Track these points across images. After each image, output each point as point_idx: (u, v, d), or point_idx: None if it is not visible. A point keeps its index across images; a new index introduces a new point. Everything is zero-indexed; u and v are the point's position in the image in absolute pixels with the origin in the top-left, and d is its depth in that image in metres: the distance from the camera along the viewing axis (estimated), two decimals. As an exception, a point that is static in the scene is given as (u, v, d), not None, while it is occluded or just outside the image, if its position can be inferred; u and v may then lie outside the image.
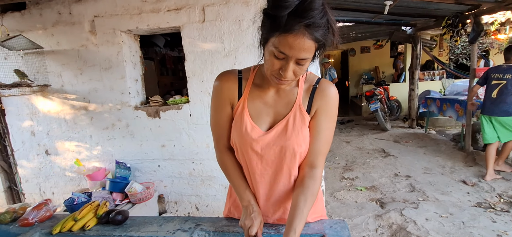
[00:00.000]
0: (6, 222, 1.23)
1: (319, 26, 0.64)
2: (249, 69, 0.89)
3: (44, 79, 2.44)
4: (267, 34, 0.70)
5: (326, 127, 0.83)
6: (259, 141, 0.83)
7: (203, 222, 1.05)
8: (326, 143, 0.84)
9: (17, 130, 2.67)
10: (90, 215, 1.16)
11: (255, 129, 0.84)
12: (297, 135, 0.82)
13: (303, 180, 0.82)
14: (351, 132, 5.81)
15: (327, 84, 0.84)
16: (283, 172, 0.87)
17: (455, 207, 2.58)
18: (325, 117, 0.83)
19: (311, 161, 0.83)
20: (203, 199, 2.45)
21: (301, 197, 0.78)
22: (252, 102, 0.85)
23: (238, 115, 0.86)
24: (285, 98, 0.84)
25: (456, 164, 3.60)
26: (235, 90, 0.86)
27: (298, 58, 0.68)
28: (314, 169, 0.83)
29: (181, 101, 2.31)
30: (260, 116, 0.85)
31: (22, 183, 2.84)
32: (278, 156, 0.84)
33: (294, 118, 0.82)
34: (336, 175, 3.54)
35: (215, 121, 0.91)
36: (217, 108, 0.89)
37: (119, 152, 2.47)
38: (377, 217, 2.48)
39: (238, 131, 0.86)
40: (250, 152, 0.85)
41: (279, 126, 0.83)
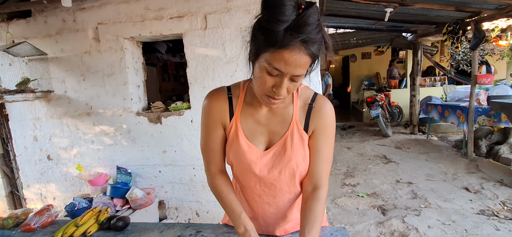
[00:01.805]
0: (9, 228, 1.24)
1: (315, 41, 0.62)
2: (238, 85, 0.85)
3: (48, 85, 2.47)
4: (258, 49, 0.65)
5: (326, 146, 0.81)
6: (257, 163, 0.81)
7: (204, 229, 1.05)
8: (327, 162, 0.82)
9: (20, 135, 2.69)
10: (91, 221, 1.17)
11: (252, 149, 0.81)
12: (297, 155, 0.80)
13: (307, 202, 0.79)
14: (352, 138, 5.79)
15: (323, 102, 0.81)
16: (283, 191, 0.86)
17: (458, 214, 2.55)
18: (324, 137, 0.80)
19: (314, 182, 0.81)
20: (204, 205, 2.44)
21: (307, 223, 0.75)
22: (245, 121, 0.81)
23: (232, 136, 0.82)
24: (279, 116, 0.81)
25: (459, 171, 3.58)
26: (226, 110, 0.81)
27: (293, 75, 0.64)
28: (318, 190, 0.80)
29: (182, 107, 2.33)
30: (255, 136, 0.81)
31: (24, 188, 2.85)
32: (277, 177, 0.82)
33: (292, 138, 0.79)
34: (337, 181, 3.52)
35: (207, 144, 0.86)
36: (209, 130, 0.84)
37: (121, 157, 2.48)
38: (379, 224, 2.46)
39: (234, 153, 0.83)
40: (249, 173, 0.83)
41: (278, 146, 0.80)
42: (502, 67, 7.10)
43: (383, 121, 5.61)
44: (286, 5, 0.58)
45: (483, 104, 4.05)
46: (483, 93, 4.20)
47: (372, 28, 5.35)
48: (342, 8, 4.11)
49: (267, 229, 0.95)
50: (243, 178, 0.86)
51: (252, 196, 0.89)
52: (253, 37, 0.67)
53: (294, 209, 0.93)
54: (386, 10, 3.60)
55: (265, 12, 0.61)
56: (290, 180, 0.84)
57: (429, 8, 3.55)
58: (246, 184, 0.87)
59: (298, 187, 0.87)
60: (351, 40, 5.98)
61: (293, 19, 0.59)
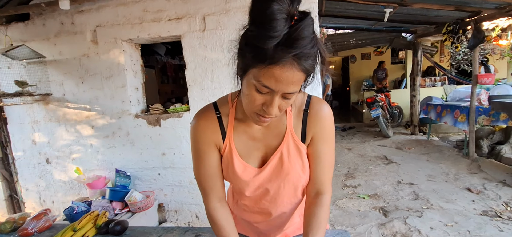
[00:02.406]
0: (7, 232, 1.23)
1: (309, 55, 0.56)
2: (226, 100, 0.77)
3: (46, 88, 2.46)
4: (247, 64, 0.59)
5: (327, 151, 0.77)
6: (254, 182, 0.77)
7: (203, 232, 1.04)
8: (329, 167, 0.78)
9: (18, 139, 2.68)
10: (89, 225, 1.15)
11: (248, 169, 0.76)
12: (294, 166, 0.75)
13: (310, 209, 0.76)
14: (353, 139, 5.77)
15: (319, 106, 0.75)
16: (284, 202, 0.83)
17: (460, 215, 2.53)
18: (323, 142, 0.76)
19: (317, 189, 0.78)
20: (203, 208, 2.42)
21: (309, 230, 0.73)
22: (239, 139, 0.76)
23: (226, 157, 0.77)
24: (274, 129, 0.75)
25: (460, 172, 3.55)
26: (217, 132, 0.75)
27: (285, 92, 0.58)
28: (321, 196, 0.77)
29: (181, 109, 2.31)
30: (250, 153, 0.76)
31: (23, 191, 2.83)
32: (276, 191, 0.79)
33: (288, 150, 0.75)
34: (338, 183, 3.50)
35: (202, 171, 0.78)
36: (202, 155, 0.76)
37: (119, 160, 2.46)
38: (381, 226, 2.43)
39: (230, 174, 0.78)
40: (247, 191, 0.80)
41: (273, 160, 0.75)
42: (503, 66, 7.09)
43: (384, 121, 5.59)
44: (277, 19, 0.51)
45: (485, 104, 4.03)
46: (484, 93, 4.18)
47: (371, 28, 5.34)
48: (341, 9, 4.10)
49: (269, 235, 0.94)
50: (241, 195, 0.83)
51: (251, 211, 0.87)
52: (240, 51, 0.61)
53: (294, 214, 0.91)
54: (385, 11, 3.60)
55: (253, 27, 0.55)
56: (290, 192, 0.81)
57: (428, 8, 3.54)
58: (244, 200, 0.85)
59: (299, 196, 0.85)
60: (350, 41, 5.98)
61: (285, 33, 0.53)
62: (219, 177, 0.79)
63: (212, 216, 0.79)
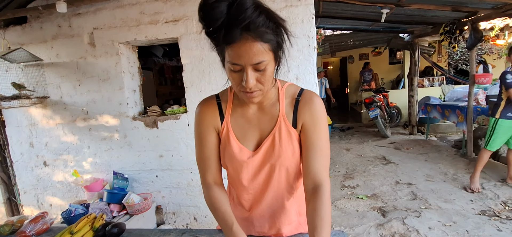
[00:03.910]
0: (5, 234, 1.23)
1: (258, 24, 0.61)
2: (226, 91, 0.86)
3: (43, 91, 2.46)
4: (219, 53, 0.69)
5: (319, 138, 0.78)
6: (248, 163, 0.82)
7: (201, 235, 1.03)
8: (323, 155, 0.78)
9: (16, 142, 2.67)
10: (86, 228, 1.15)
11: (243, 150, 0.82)
12: (286, 149, 0.79)
13: (310, 204, 0.75)
14: (351, 139, 5.78)
15: (310, 95, 0.80)
16: (276, 188, 0.85)
17: (459, 215, 2.53)
18: (315, 129, 0.78)
19: (313, 180, 0.76)
20: (201, 209, 2.42)
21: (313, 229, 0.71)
22: (236, 122, 0.83)
23: (224, 139, 0.83)
24: (268, 114, 0.81)
25: (459, 171, 3.56)
26: (216, 115, 0.83)
27: (253, 64, 0.64)
28: (319, 188, 0.75)
29: (179, 111, 2.31)
30: (246, 135, 0.82)
31: (21, 194, 2.82)
32: (268, 173, 0.83)
33: (279, 133, 0.79)
34: (336, 183, 3.50)
35: (201, 153, 0.85)
36: (202, 138, 0.84)
37: (117, 162, 2.46)
38: (379, 226, 2.43)
39: (226, 155, 0.83)
40: (242, 173, 0.84)
41: (266, 143, 0.81)
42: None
43: (382, 122, 5.60)
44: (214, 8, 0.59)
45: (482, 104, 4.05)
46: (482, 92, 4.19)
47: (369, 29, 5.36)
48: (339, 10, 4.12)
49: (263, 230, 0.93)
50: (237, 179, 0.86)
51: (246, 196, 0.89)
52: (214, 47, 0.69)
53: (291, 211, 0.91)
54: (382, 11, 3.61)
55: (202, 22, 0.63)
56: (281, 177, 0.84)
57: (425, 8, 3.55)
58: (240, 185, 0.87)
59: (291, 184, 0.87)
60: (348, 42, 5.99)
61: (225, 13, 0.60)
62: (216, 159, 0.86)
63: (209, 195, 0.84)
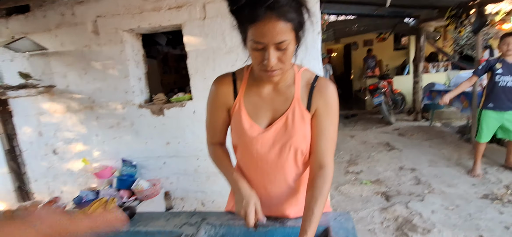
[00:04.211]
0: (18, 220, 1.26)
1: (282, 4, 0.63)
2: (242, 69, 0.89)
3: (50, 80, 2.48)
4: (242, 32, 0.72)
5: (329, 124, 0.82)
6: (258, 139, 0.83)
7: (209, 217, 1.06)
8: (331, 140, 0.83)
9: (24, 131, 2.72)
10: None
11: (254, 127, 0.83)
12: (297, 132, 0.81)
13: (313, 181, 0.81)
14: (355, 126, 5.78)
15: (326, 82, 0.83)
16: (285, 169, 0.87)
17: (462, 199, 2.56)
18: (327, 115, 0.81)
19: (319, 161, 0.82)
20: (208, 195, 2.47)
21: (311, 200, 0.78)
22: (249, 100, 0.84)
23: (235, 115, 0.85)
24: (282, 95, 0.83)
25: (462, 156, 3.57)
26: (230, 93, 0.86)
27: (276, 43, 0.66)
28: (323, 169, 0.81)
29: (184, 99, 2.33)
30: (258, 114, 0.84)
31: (31, 182, 2.89)
32: (278, 153, 0.84)
33: (293, 115, 0.81)
34: (340, 169, 3.53)
35: (210, 122, 0.94)
36: (212, 112, 0.91)
37: (125, 150, 2.50)
38: (383, 210, 2.47)
39: (237, 131, 0.86)
40: (251, 151, 0.85)
41: (279, 123, 0.82)
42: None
43: (386, 108, 5.58)
44: None
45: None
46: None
47: (373, 14, 5.26)
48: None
49: (270, 211, 0.96)
50: (246, 156, 0.88)
51: (254, 175, 0.90)
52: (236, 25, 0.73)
53: (299, 193, 0.94)
54: (388, -5, 3.53)
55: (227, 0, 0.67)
56: (290, 158, 0.85)
57: (432, -9, 3.47)
58: (248, 163, 0.89)
59: (300, 167, 0.88)
60: (352, 28, 5.90)
61: None
62: (222, 130, 0.93)
63: (213, 149, 0.95)
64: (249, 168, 0.91)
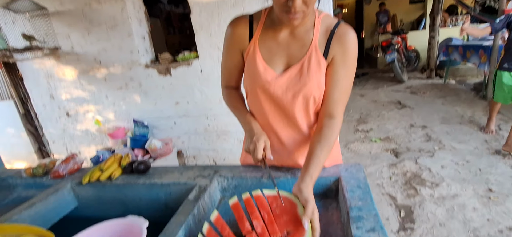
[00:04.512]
0: (40, 175, 1.32)
1: None
2: (260, 11, 0.84)
3: (54, 42, 2.43)
4: None
5: (345, 75, 0.78)
6: (272, 84, 0.80)
7: (222, 169, 1.08)
8: (344, 92, 0.80)
9: (37, 95, 2.76)
10: (114, 166, 1.22)
11: (268, 70, 0.80)
12: (312, 79, 0.77)
13: (321, 129, 0.79)
14: (366, 85, 5.64)
15: (346, 29, 0.77)
16: (297, 117, 0.84)
17: (472, 155, 2.54)
18: (343, 64, 0.77)
19: (329, 111, 0.80)
20: (220, 153, 2.53)
21: (317, 145, 0.76)
22: (264, 44, 0.81)
23: (249, 58, 0.82)
24: (299, 40, 0.78)
25: (476, 113, 3.48)
26: (245, 35, 0.82)
27: None
28: (332, 119, 0.79)
29: (190, 57, 2.27)
30: (273, 58, 0.80)
31: (50, 144, 3.01)
32: (291, 100, 0.81)
33: (309, 61, 0.77)
34: (350, 127, 3.52)
35: (225, 65, 0.92)
36: (227, 54, 0.89)
37: (136, 111, 2.53)
38: (392, 166, 2.49)
39: (250, 74, 0.83)
40: (263, 95, 0.83)
41: (294, 69, 0.78)
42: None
43: (399, 66, 5.37)
44: None
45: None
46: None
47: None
48: None
49: (282, 160, 0.96)
50: (258, 102, 0.86)
51: (266, 121, 0.89)
52: None
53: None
54: None
55: None
56: (303, 106, 0.83)
57: None
58: (260, 109, 0.87)
59: (311, 117, 0.86)
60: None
61: None
62: (235, 73, 0.91)
63: (227, 92, 0.96)
64: (261, 113, 0.89)
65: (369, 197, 0.79)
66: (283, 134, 0.90)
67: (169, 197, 1.08)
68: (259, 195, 0.75)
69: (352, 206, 0.75)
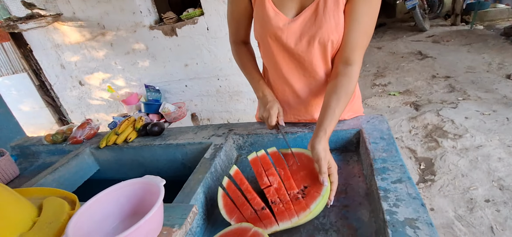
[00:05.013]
0: (59, 142, 1.36)
1: None
2: None
3: (55, 8, 2.36)
4: None
5: (366, 13, 0.66)
6: (284, 30, 0.72)
7: (236, 127, 1.05)
8: (365, 34, 0.69)
9: (47, 65, 2.77)
10: (129, 129, 1.22)
11: (279, 15, 0.72)
12: (329, 21, 0.68)
13: (337, 77, 0.71)
14: (383, 36, 5.28)
15: None
16: (314, 65, 0.76)
17: (500, 104, 2.39)
18: (364, 2, 0.65)
19: (346, 56, 0.71)
20: (233, 114, 2.51)
21: (333, 96, 0.69)
22: None
23: (258, 2, 0.74)
24: None
25: (506, 60, 3.21)
26: None
27: None
28: (350, 66, 0.70)
29: (195, 14, 2.14)
30: (284, 2, 0.71)
31: (69, 113, 3.10)
32: (306, 47, 0.73)
33: (325, 1, 0.67)
34: (366, 82, 3.37)
35: (230, 13, 0.84)
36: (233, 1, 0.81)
37: (146, 75, 2.50)
38: (411, 119, 2.40)
39: (260, 21, 0.75)
40: (275, 44, 0.75)
41: (308, 11, 0.69)
42: None
43: (420, 13, 4.93)
44: None
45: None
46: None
47: None
48: None
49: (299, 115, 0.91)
50: (270, 51, 0.79)
51: (280, 72, 0.82)
52: None
53: None
54: None
55: None
56: (320, 52, 0.74)
57: None
58: (273, 59, 0.80)
59: (329, 64, 0.78)
60: None
61: None
62: (244, 23, 0.85)
63: (236, 51, 0.90)
64: (274, 64, 0.82)
65: (394, 148, 0.74)
66: (299, 86, 0.83)
67: (185, 157, 1.08)
68: (275, 152, 0.74)
69: (375, 157, 0.70)
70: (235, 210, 0.66)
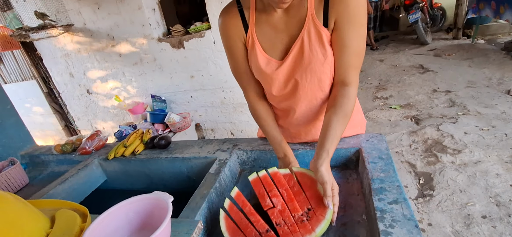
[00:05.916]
0: (68, 152, 1.41)
1: None
2: None
3: (66, 19, 2.44)
4: None
5: (353, 37, 0.68)
6: (278, 73, 0.76)
7: (240, 143, 1.09)
8: (355, 54, 0.70)
9: (57, 73, 2.84)
10: (137, 142, 1.27)
11: (271, 62, 0.75)
12: (316, 54, 0.70)
13: (335, 99, 0.73)
14: (386, 49, 5.35)
15: None
16: (308, 94, 0.80)
17: (499, 120, 2.42)
18: (348, 25, 0.66)
19: (342, 78, 0.73)
20: (237, 125, 2.55)
21: (333, 117, 0.71)
22: (261, 31, 0.74)
23: (251, 51, 0.77)
24: (296, 16, 0.70)
25: (506, 75, 3.24)
26: (240, 25, 0.75)
27: None
28: (347, 87, 0.73)
29: (202, 28, 2.21)
30: (273, 45, 0.74)
31: (75, 121, 3.16)
32: (298, 83, 0.77)
33: (309, 35, 0.69)
34: (368, 95, 3.41)
35: (235, 68, 0.83)
36: (231, 51, 0.80)
37: (153, 86, 2.56)
38: (412, 133, 2.43)
39: (255, 69, 0.79)
40: (271, 86, 0.80)
41: (294, 49, 0.72)
42: None
43: (422, 26, 4.99)
44: None
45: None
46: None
47: None
48: None
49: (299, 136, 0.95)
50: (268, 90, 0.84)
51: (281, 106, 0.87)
52: None
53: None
54: None
55: None
56: (314, 84, 0.77)
57: None
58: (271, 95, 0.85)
59: (325, 90, 0.80)
60: None
61: None
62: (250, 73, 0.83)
63: (253, 109, 0.89)
64: (275, 100, 0.87)
65: (391, 168, 0.78)
66: (299, 114, 0.87)
67: (191, 170, 1.12)
68: (276, 172, 0.74)
69: (374, 177, 0.74)
70: (238, 232, 0.66)
